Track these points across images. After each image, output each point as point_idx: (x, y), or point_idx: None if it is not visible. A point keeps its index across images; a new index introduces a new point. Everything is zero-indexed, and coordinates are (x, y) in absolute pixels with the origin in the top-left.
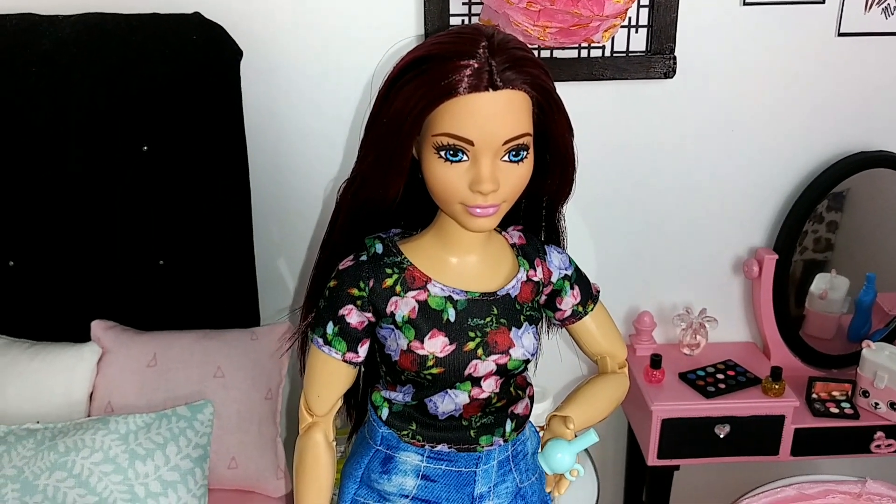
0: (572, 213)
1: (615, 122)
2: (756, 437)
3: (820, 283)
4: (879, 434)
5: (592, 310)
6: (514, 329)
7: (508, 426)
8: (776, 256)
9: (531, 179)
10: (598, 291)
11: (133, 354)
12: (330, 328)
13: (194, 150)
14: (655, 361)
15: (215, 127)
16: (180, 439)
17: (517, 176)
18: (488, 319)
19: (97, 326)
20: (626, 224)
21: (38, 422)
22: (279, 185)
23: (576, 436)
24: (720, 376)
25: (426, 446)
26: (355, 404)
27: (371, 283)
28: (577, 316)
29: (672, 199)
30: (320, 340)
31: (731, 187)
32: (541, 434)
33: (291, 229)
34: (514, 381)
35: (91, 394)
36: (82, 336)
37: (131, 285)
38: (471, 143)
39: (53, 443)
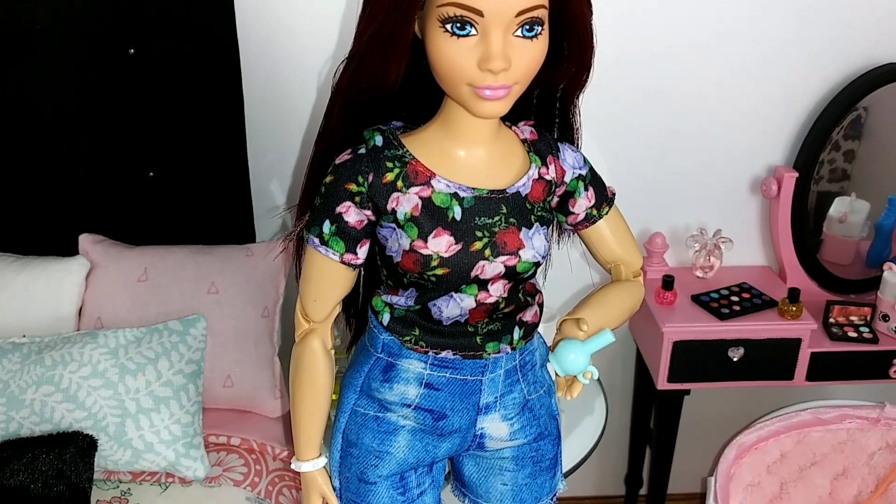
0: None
1: (627, 30)
2: (771, 360)
3: (839, 206)
4: None
5: (607, 213)
6: (524, 229)
7: (516, 334)
8: (796, 174)
9: (544, 67)
10: (614, 194)
11: (123, 269)
12: (327, 227)
13: (183, 52)
14: (667, 282)
15: (205, 25)
16: (172, 354)
17: (531, 55)
18: (497, 218)
19: (85, 240)
20: (638, 141)
21: (24, 336)
22: (272, 87)
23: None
24: (735, 298)
25: (430, 353)
26: (355, 313)
27: (370, 178)
28: (590, 220)
29: (687, 115)
30: (316, 240)
31: (751, 101)
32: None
33: (285, 133)
34: (523, 287)
35: (80, 309)
36: (70, 251)
37: (120, 198)
38: (480, 13)
39: (40, 356)
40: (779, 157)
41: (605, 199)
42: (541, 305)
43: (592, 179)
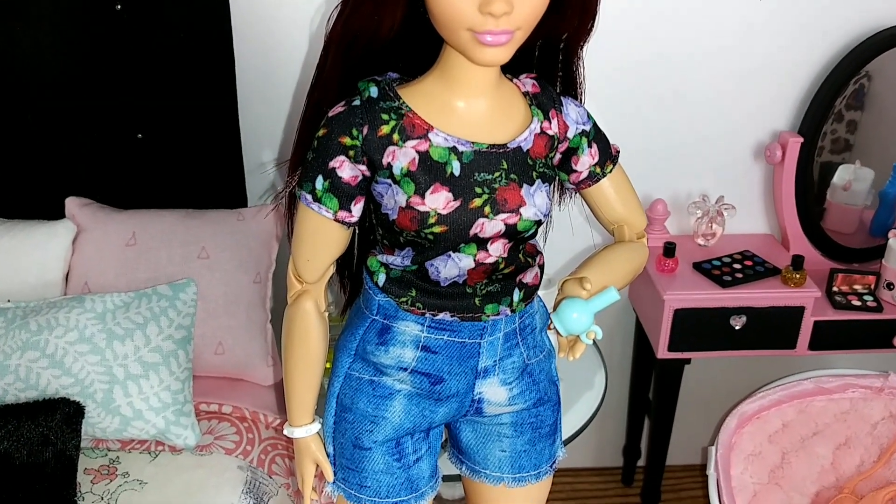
0: None
1: None
2: (773, 329)
3: (843, 174)
4: None
5: (611, 171)
6: (525, 186)
7: (516, 295)
8: (801, 140)
9: (548, 15)
10: (618, 152)
11: (111, 233)
12: (319, 183)
13: (171, 7)
14: (669, 250)
15: None
16: (161, 319)
17: None
18: (497, 174)
19: (72, 203)
20: (639, 106)
21: (8, 301)
22: (263, 40)
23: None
24: (737, 266)
25: (427, 315)
26: (349, 274)
27: (365, 131)
28: (593, 178)
29: (689, 78)
30: (309, 197)
31: (754, 66)
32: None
33: (275, 85)
34: (524, 247)
35: (66, 274)
36: (56, 214)
37: (108, 160)
38: None
39: (25, 321)
40: (783, 123)
41: (609, 156)
42: (541, 267)
43: (596, 136)
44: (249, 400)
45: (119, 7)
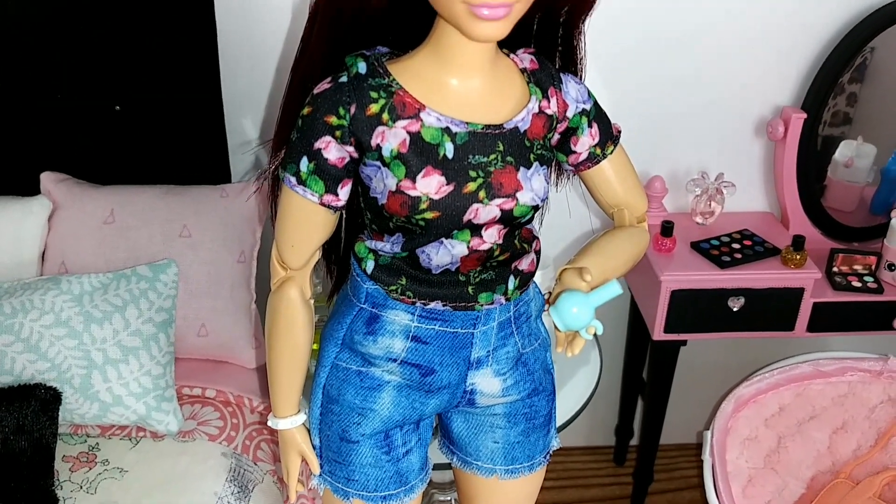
0: None
1: None
2: (772, 311)
3: (845, 150)
4: None
5: (612, 153)
6: (522, 169)
7: (511, 283)
8: (804, 115)
9: None
10: (620, 132)
11: (88, 210)
12: (304, 165)
13: None
14: (666, 229)
15: None
16: (141, 301)
17: None
18: (493, 157)
19: (47, 179)
20: (637, 79)
21: None
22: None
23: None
24: (736, 246)
25: (417, 303)
26: (336, 259)
27: (353, 110)
28: (593, 159)
29: (688, 53)
30: (293, 179)
31: (756, 38)
32: (547, 298)
33: (258, 58)
34: (520, 233)
35: (42, 254)
36: (31, 190)
37: (85, 133)
38: None
39: None
40: (785, 98)
41: (609, 137)
42: (538, 252)
43: (597, 115)
44: (234, 383)
45: None
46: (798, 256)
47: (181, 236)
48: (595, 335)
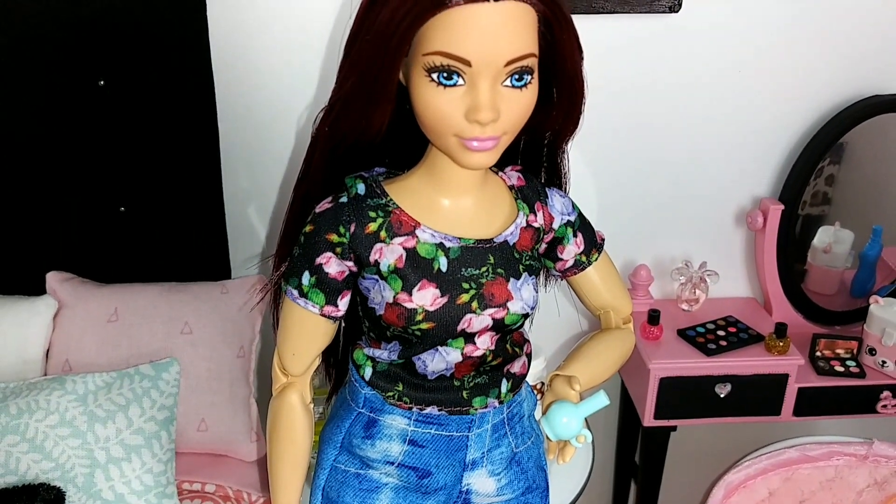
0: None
1: (614, 60)
2: (758, 396)
3: (823, 236)
4: (886, 393)
5: (597, 259)
6: (512, 280)
7: (504, 386)
8: (782, 207)
9: (533, 112)
10: (603, 240)
11: (92, 309)
12: (306, 279)
13: (156, 85)
14: (653, 317)
15: (179, 57)
16: (144, 400)
17: (520, 104)
18: (484, 269)
19: (53, 278)
20: (622, 171)
21: None
22: (248, 122)
23: (582, 397)
24: (721, 333)
25: (414, 409)
26: (335, 363)
27: (352, 228)
28: (579, 266)
29: (672, 145)
30: (295, 292)
31: (736, 132)
32: (538, 396)
33: (262, 170)
34: (511, 338)
35: (47, 352)
36: (37, 289)
37: (90, 234)
38: (468, 63)
39: (4, 404)
40: (764, 189)
41: (594, 244)
42: (529, 355)
43: (581, 225)
44: (233, 477)
45: (102, 82)
46: (781, 343)
47: (182, 333)
48: (586, 443)
